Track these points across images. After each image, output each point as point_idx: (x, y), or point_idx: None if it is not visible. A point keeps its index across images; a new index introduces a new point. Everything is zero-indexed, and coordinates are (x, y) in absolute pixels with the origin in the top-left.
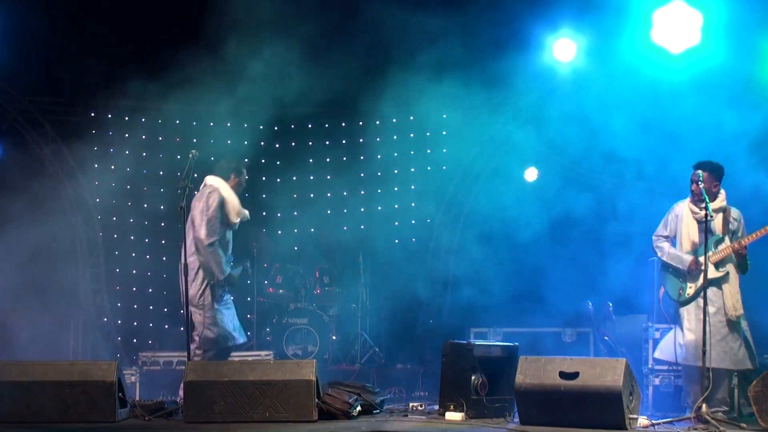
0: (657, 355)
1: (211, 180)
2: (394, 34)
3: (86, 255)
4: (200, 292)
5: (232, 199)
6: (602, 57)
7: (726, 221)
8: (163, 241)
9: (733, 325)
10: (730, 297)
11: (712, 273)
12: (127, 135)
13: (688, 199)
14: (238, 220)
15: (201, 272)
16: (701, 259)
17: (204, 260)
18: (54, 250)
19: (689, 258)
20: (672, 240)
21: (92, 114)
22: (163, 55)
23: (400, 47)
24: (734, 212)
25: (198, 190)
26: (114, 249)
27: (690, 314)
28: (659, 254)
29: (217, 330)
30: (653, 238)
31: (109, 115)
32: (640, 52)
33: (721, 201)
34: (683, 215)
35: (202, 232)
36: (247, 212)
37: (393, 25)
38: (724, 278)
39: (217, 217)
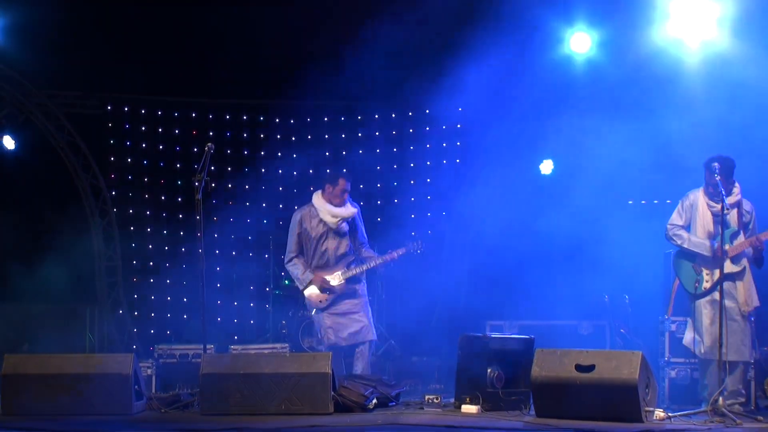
0: (685, 342)
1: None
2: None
3: (102, 247)
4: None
5: (322, 209)
6: (618, 49)
7: (740, 214)
8: (182, 233)
9: (745, 318)
10: (743, 292)
11: (730, 267)
12: (143, 128)
13: (702, 189)
14: (333, 226)
15: None
16: (725, 247)
17: None
18: (70, 242)
19: (714, 244)
20: (687, 229)
21: (108, 107)
22: (180, 47)
23: (412, 39)
24: (746, 204)
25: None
26: (131, 241)
27: (707, 308)
28: (678, 242)
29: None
30: (668, 226)
31: (126, 108)
32: (657, 44)
33: (736, 195)
34: (698, 205)
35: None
36: (335, 213)
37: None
38: (740, 273)
39: (294, 233)
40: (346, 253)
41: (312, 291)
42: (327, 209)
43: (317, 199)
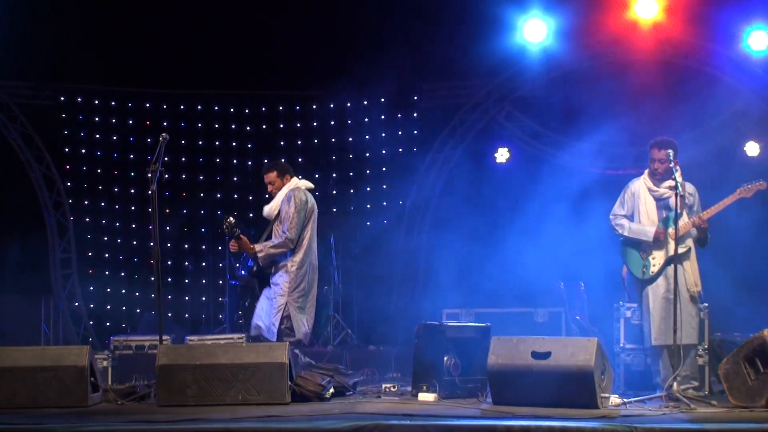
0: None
1: None
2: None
3: (55, 240)
4: None
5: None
6: (572, 36)
7: (682, 197)
8: (134, 226)
9: (694, 300)
10: (691, 273)
11: (674, 249)
12: (97, 119)
13: (643, 177)
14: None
15: None
16: (670, 231)
17: None
18: (24, 235)
19: (653, 228)
20: (630, 218)
21: (62, 98)
22: (134, 37)
23: (368, 27)
24: (689, 187)
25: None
26: (86, 233)
27: (655, 293)
28: (620, 231)
29: None
30: (610, 217)
31: (79, 99)
32: (611, 29)
33: (679, 177)
34: (640, 193)
35: None
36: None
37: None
38: (686, 254)
39: None
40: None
41: None
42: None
43: None
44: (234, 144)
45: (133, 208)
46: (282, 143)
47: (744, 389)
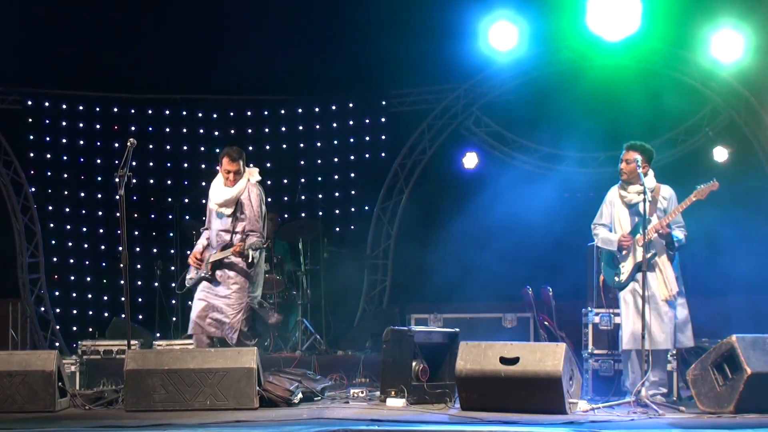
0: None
1: None
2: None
3: (23, 245)
4: None
5: (213, 188)
6: (541, 41)
7: (654, 201)
8: (101, 230)
9: (669, 305)
10: (663, 279)
11: (642, 256)
12: (64, 123)
13: (617, 185)
14: (215, 207)
15: None
16: (638, 237)
17: None
18: None
19: (616, 237)
20: (608, 227)
21: (29, 102)
22: (103, 42)
23: (336, 32)
24: (664, 190)
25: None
26: (51, 238)
27: (626, 299)
28: (596, 241)
29: None
30: (592, 226)
31: (46, 104)
32: (581, 39)
33: (649, 182)
34: (615, 201)
35: None
36: (215, 200)
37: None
38: (652, 259)
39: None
40: (227, 236)
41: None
42: (216, 190)
43: (217, 177)
44: (202, 149)
45: (100, 213)
46: (251, 148)
47: (712, 395)
